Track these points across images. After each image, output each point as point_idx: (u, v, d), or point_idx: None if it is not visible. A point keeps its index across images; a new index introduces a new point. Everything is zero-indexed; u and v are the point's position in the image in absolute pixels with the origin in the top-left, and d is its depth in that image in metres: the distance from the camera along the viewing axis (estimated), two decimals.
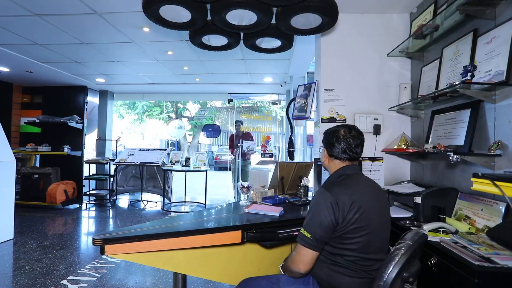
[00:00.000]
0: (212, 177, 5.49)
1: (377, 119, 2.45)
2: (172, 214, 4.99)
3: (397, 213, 1.97)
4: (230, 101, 6.44)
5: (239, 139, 5.03)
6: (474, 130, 1.62)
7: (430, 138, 2.03)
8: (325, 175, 2.30)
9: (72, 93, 5.82)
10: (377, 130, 2.42)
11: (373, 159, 2.45)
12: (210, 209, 1.96)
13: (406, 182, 2.29)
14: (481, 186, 1.09)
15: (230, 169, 5.74)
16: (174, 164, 5.54)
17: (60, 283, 2.39)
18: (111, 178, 5.71)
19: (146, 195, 5.82)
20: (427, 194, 1.77)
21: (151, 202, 5.70)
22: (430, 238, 1.51)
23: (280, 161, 2.65)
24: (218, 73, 4.95)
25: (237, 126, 5.41)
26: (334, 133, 1.31)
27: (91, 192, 5.72)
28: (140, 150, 5.68)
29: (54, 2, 2.49)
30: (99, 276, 2.56)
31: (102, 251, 1.24)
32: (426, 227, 1.61)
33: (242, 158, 5.04)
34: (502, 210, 1.40)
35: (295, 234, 1.42)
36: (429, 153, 1.87)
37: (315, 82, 2.59)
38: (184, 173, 5.38)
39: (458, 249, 1.26)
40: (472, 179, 1.14)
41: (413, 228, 1.66)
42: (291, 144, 3.28)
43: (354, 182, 1.24)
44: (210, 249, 1.57)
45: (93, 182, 6.07)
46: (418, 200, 1.79)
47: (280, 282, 1.29)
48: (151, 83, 5.77)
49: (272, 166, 2.66)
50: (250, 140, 5.21)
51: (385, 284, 0.87)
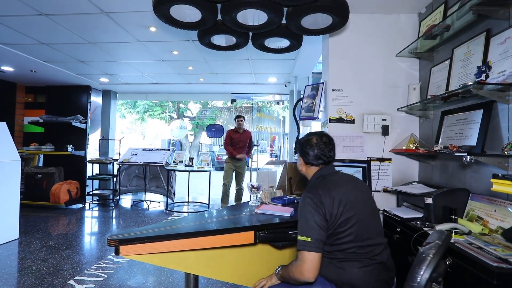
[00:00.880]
0: (213, 177, 5.48)
1: (385, 120, 2.44)
2: (175, 214, 4.97)
3: (407, 213, 1.96)
4: (233, 101, 6.41)
5: (239, 138, 4.66)
6: (487, 131, 1.62)
7: (440, 139, 2.02)
8: None
9: (75, 92, 5.82)
10: (385, 130, 2.42)
11: (381, 160, 2.44)
12: (221, 210, 1.96)
13: (416, 183, 2.28)
14: (501, 187, 1.09)
15: (224, 169, 4.80)
16: (177, 164, 5.53)
17: (67, 283, 2.39)
18: (114, 178, 5.71)
19: (149, 195, 5.82)
20: (439, 195, 1.77)
21: (154, 202, 5.69)
22: None
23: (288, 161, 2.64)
24: (223, 73, 4.94)
25: (239, 121, 4.67)
26: (307, 142, 1.41)
27: (95, 192, 5.72)
28: (143, 150, 5.67)
29: (62, 2, 2.49)
30: (106, 276, 2.55)
31: (117, 252, 1.23)
32: (439, 228, 1.61)
33: (237, 158, 4.59)
34: None
35: None
36: (440, 153, 1.87)
37: (323, 83, 2.59)
38: (186, 173, 5.34)
39: (474, 250, 1.25)
40: (492, 180, 1.14)
41: (425, 228, 1.66)
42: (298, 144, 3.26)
43: (331, 180, 1.33)
44: (221, 250, 1.56)
45: (96, 182, 6.07)
46: (429, 200, 1.78)
47: None
48: (155, 83, 5.76)
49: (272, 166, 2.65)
50: (250, 139, 4.85)
51: (419, 285, 0.87)
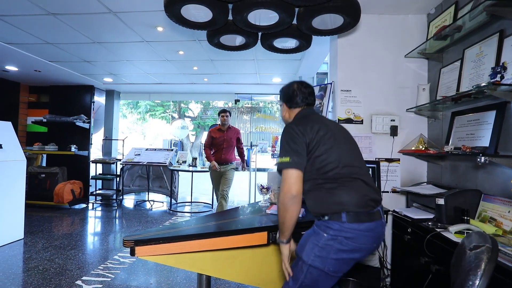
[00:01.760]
0: None
1: (394, 120, 2.44)
2: (179, 214, 4.97)
3: (417, 214, 1.96)
4: (237, 101, 6.40)
5: (222, 138, 3.86)
6: (500, 132, 1.62)
7: (450, 140, 2.02)
8: None
9: (79, 92, 5.81)
10: (394, 131, 2.41)
11: (389, 160, 2.44)
12: (230, 210, 1.95)
13: (425, 184, 2.28)
14: None
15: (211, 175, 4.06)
16: (181, 164, 5.52)
17: (75, 284, 2.38)
18: (117, 178, 5.70)
19: (152, 195, 5.81)
20: (450, 196, 1.76)
21: (158, 202, 5.69)
22: (456, 239, 1.51)
23: None
24: (227, 73, 4.93)
25: (223, 117, 3.88)
26: (289, 87, 1.51)
27: (98, 192, 5.71)
28: (146, 150, 5.67)
29: (70, 2, 2.48)
30: (113, 277, 2.54)
31: (133, 253, 1.23)
32: (452, 229, 1.61)
33: (223, 162, 3.87)
34: None
35: None
36: (451, 154, 1.86)
37: (331, 83, 2.58)
38: (188, 173, 5.31)
39: None
40: None
41: (437, 229, 1.65)
42: None
43: (314, 117, 1.40)
44: (234, 250, 1.56)
45: (99, 182, 6.06)
46: (441, 201, 1.78)
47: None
48: (158, 83, 5.75)
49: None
50: (238, 137, 4.04)
51: None
